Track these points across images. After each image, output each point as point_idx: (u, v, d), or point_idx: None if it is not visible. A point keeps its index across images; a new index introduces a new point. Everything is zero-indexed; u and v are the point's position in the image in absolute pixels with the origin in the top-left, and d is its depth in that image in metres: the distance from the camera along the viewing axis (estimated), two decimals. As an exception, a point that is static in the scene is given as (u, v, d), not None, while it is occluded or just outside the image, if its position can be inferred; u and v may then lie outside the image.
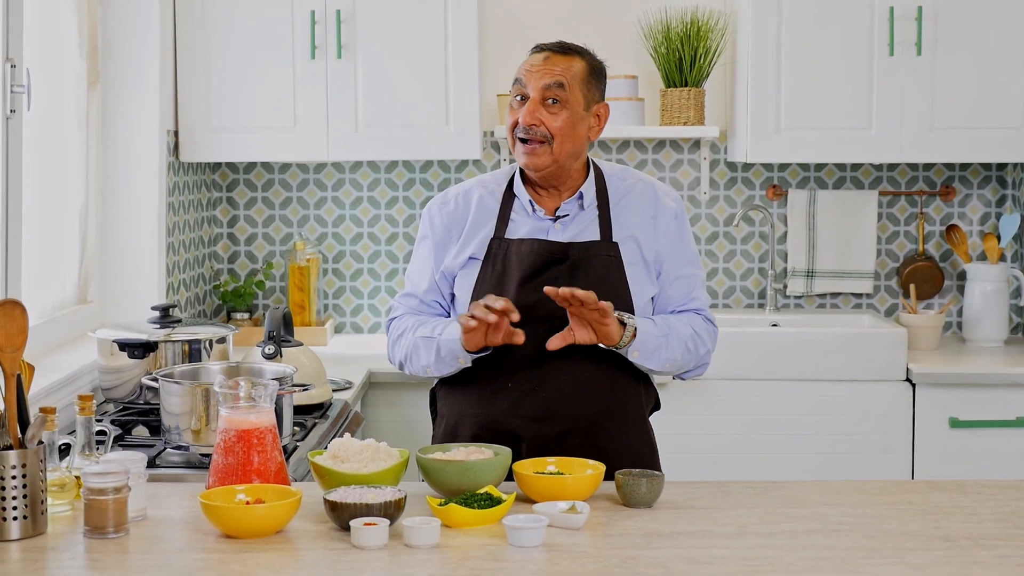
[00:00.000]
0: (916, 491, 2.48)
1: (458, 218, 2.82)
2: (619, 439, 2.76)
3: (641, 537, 2.19)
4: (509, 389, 2.73)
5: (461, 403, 2.79)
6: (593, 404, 2.73)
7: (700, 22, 4.41)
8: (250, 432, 2.33)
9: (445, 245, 2.82)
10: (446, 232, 2.83)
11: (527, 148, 2.71)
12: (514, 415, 2.72)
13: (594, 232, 2.77)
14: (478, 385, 2.76)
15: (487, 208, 2.81)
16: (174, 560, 2.08)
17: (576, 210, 2.78)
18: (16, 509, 2.15)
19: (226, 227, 4.68)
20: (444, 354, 2.72)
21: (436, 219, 2.85)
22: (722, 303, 4.70)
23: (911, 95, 4.23)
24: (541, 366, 2.70)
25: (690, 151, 4.66)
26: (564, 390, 2.71)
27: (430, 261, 2.84)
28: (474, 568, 2.02)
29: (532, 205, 2.78)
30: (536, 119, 2.69)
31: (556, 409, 2.72)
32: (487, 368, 2.73)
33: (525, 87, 2.72)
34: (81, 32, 3.72)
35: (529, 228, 2.78)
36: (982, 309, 4.47)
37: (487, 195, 2.82)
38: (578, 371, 2.72)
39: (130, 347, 3.26)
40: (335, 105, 4.21)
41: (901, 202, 4.67)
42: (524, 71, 2.73)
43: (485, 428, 2.73)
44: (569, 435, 2.71)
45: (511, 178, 2.83)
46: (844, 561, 2.07)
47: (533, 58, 2.75)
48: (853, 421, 4.09)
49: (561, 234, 2.76)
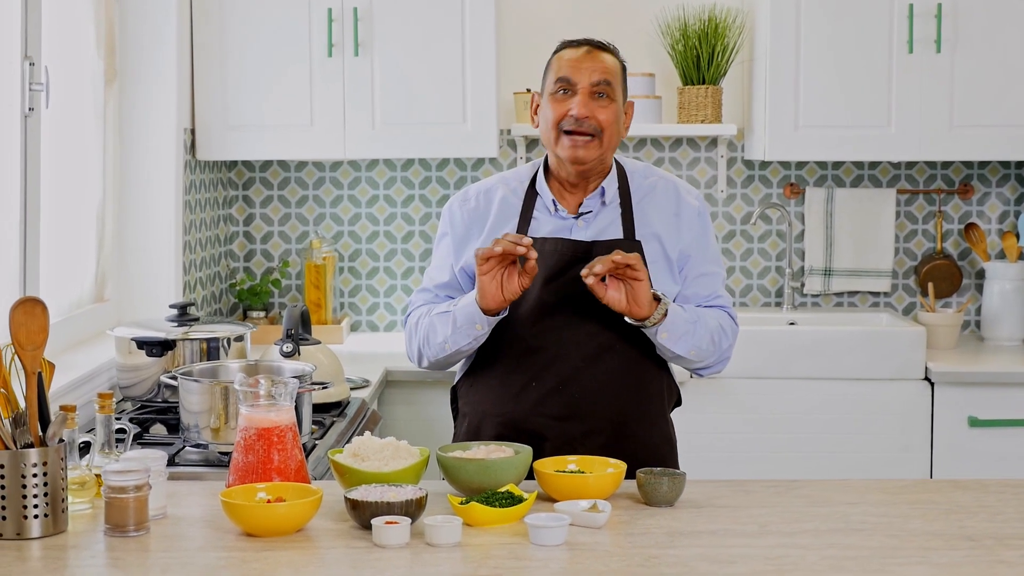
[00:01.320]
0: (939, 490, 2.46)
1: (479, 216, 2.81)
2: (643, 437, 2.74)
3: (663, 536, 2.18)
4: (533, 388, 2.71)
5: (483, 402, 2.77)
6: (618, 402, 2.72)
7: (718, 19, 4.40)
8: (270, 430, 2.32)
9: (466, 242, 2.80)
10: (467, 229, 2.81)
11: (576, 141, 2.69)
12: (539, 414, 2.71)
13: (617, 230, 2.76)
14: (501, 384, 2.74)
15: (509, 206, 2.80)
16: (195, 558, 2.08)
17: (598, 206, 2.77)
18: (37, 507, 2.15)
19: (242, 225, 4.68)
20: (461, 323, 2.67)
21: (457, 216, 2.83)
22: (739, 301, 4.69)
23: (930, 93, 4.21)
24: (565, 365, 2.69)
25: (707, 149, 4.64)
26: (589, 389, 2.70)
27: (450, 257, 2.82)
28: (496, 567, 2.01)
29: (555, 204, 2.77)
30: (589, 111, 2.68)
31: (581, 408, 2.70)
32: (510, 366, 2.73)
33: (572, 81, 2.70)
34: (99, 30, 3.72)
35: (552, 227, 2.76)
36: (1001, 308, 4.46)
37: (509, 193, 2.81)
38: (603, 369, 2.70)
39: (148, 345, 3.26)
40: (352, 103, 4.21)
41: (919, 200, 4.65)
42: (568, 65, 2.71)
43: (508, 427, 2.71)
44: (593, 434, 2.70)
45: (533, 176, 2.82)
46: (868, 561, 2.05)
47: (572, 52, 2.73)
48: (871, 420, 4.07)
49: (584, 232, 2.75)
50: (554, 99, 2.72)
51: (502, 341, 2.73)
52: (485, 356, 2.77)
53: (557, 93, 2.71)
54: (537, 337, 2.71)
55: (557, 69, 2.73)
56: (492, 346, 2.74)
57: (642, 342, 2.72)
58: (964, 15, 4.19)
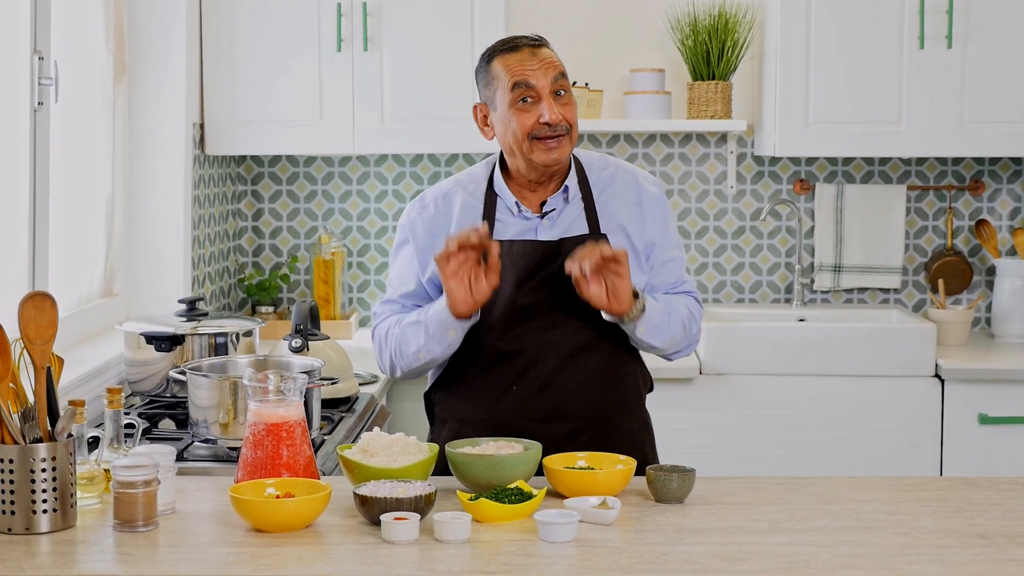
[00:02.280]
0: (950, 488, 2.45)
1: (441, 223, 2.74)
2: (624, 428, 2.74)
3: (673, 533, 2.17)
4: (514, 391, 2.69)
5: (463, 407, 2.74)
6: (599, 398, 2.71)
7: (728, 15, 4.39)
8: (279, 425, 2.32)
9: (429, 250, 2.71)
10: (429, 237, 2.74)
11: (550, 144, 2.63)
12: (523, 416, 2.68)
13: (582, 226, 2.72)
14: (479, 389, 2.72)
15: (471, 210, 2.73)
16: (204, 554, 2.07)
17: (562, 204, 2.73)
18: (46, 502, 2.15)
19: (251, 220, 4.68)
20: (433, 331, 2.65)
21: (417, 224, 2.76)
22: (748, 298, 4.68)
23: (941, 89, 4.20)
24: (545, 367, 2.68)
25: (717, 145, 4.63)
26: (570, 388, 2.69)
27: (414, 265, 2.76)
28: (506, 563, 2.01)
29: (518, 205, 2.71)
30: (559, 114, 2.63)
31: (564, 408, 2.69)
32: (488, 370, 2.70)
33: (531, 87, 2.62)
34: (108, 24, 3.72)
35: (517, 229, 2.71)
36: (1011, 304, 4.44)
37: (469, 197, 2.74)
38: (581, 368, 2.69)
39: (157, 340, 3.26)
40: (361, 98, 4.20)
41: (930, 196, 4.63)
42: (519, 71, 2.62)
43: (493, 431, 2.64)
44: (579, 432, 2.69)
45: (490, 177, 2.76)
46: (880, 558, 2.04)
47: (514, 57, 2.64)
48: (881, 417, 4.06)
49: (549, 231, 2.71)
50: (518, 109, 2.63)
51: (477, 345, 2.69)
52: (460, 361, 2.73)
53: (518, 102, 2.63)
54: (514, 340, 2.68)
55: (508, 77, 2.63)
56: (467, 351, 2.70)
57: (616, 336, 2.71)
58: (975, 10, 4.17)
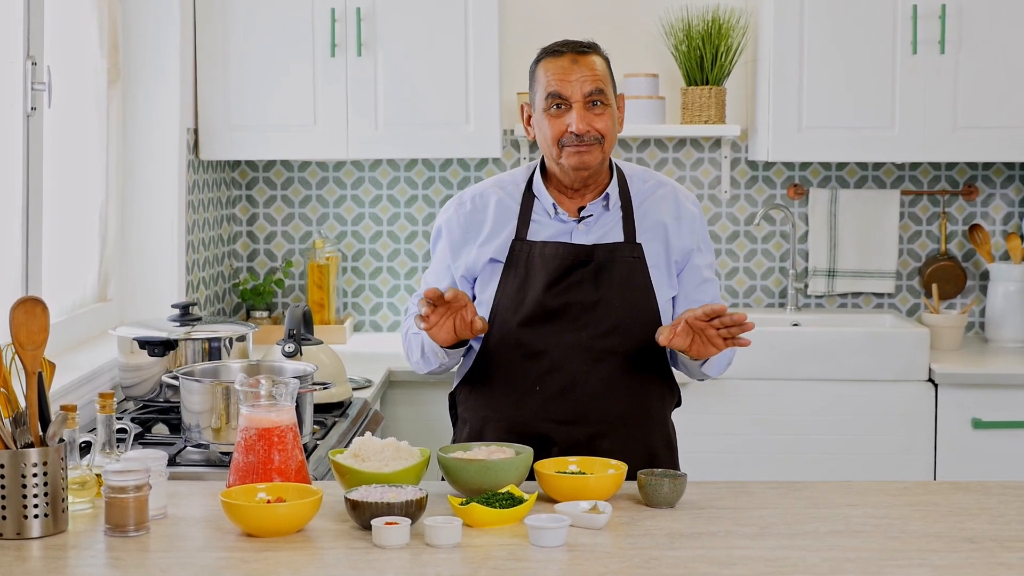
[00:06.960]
0: (940, 492, 2.45)
1: (476, 220, 2.78)
2: (646, 439, 2.74)
3: (663, 537, 2.17)
4: (537, 392, 2.70)
5: (485, 406, 2.76)
6: (622, 405, 2.71)
7: (721, 20, 4.40)
8: (271, 430, 2.32)
9: (463, 246, 2.78)
10: (464, 233, 2.79)
11: (580, 148, 2.66)
12: (544, 418, 2.70)
13: (617, 234, 2.74)
14: (502, 389, 2.73)
15: (507, 209, 2.77)
16: (195, 559, 2.08)
17: (600, 211, 2.76)
18: (37, 507, 2.15)
19: (245, 225, 4.68)
20: (427, 351, 2.72)
21: (453, 221, 2.81)
22: (743, 303, 4.68)
23: (934, 94, 4.21)
24: (569, 369, 2.69)
25: (711, 150, 4.64)
26: (593, 393, 2.69)
27: (446, 260, 2.81)
28: (496, 568, 2.01)
29: (555, 207, 2.75)
30: (588, 125, 2.65)
31: (586, 412, 2.69)
32: (512, 371, 2.71)
33: (563, 96, 2.66)
34: (101, 29, 3.72)
35: (552, 231, 2.74)
36: (1005, 309, 4.45)
37: (506, 196, 2.79)
38: (606, 373, 2.69)
39: (150, 345, 3.26)
40: (355, 103, 4.21)
41: (923, 201, 4.64)
42: (556, 79, 2.66)
43: (513, 432, 2.69)
44: (599, 437, 2.69)
45: (529, 179, 2.80)
46: (869, 563, 2.05)
47: (556, 63, 2.68)
48: (874, 422, 4.07)
49: (585, 236, 2.73)
50: (549, 115, 2.68)
51: (503, 346, 2.71)
52: (486, 361, 2.75)
53: (550, 109, 2.67)
54: (539, 342, 2.69)
55: (545, 84, 2.68)
56: (493, 351, 2.73)
57: (643, 346, 2.71)
58: (968, 16, 4.18)
